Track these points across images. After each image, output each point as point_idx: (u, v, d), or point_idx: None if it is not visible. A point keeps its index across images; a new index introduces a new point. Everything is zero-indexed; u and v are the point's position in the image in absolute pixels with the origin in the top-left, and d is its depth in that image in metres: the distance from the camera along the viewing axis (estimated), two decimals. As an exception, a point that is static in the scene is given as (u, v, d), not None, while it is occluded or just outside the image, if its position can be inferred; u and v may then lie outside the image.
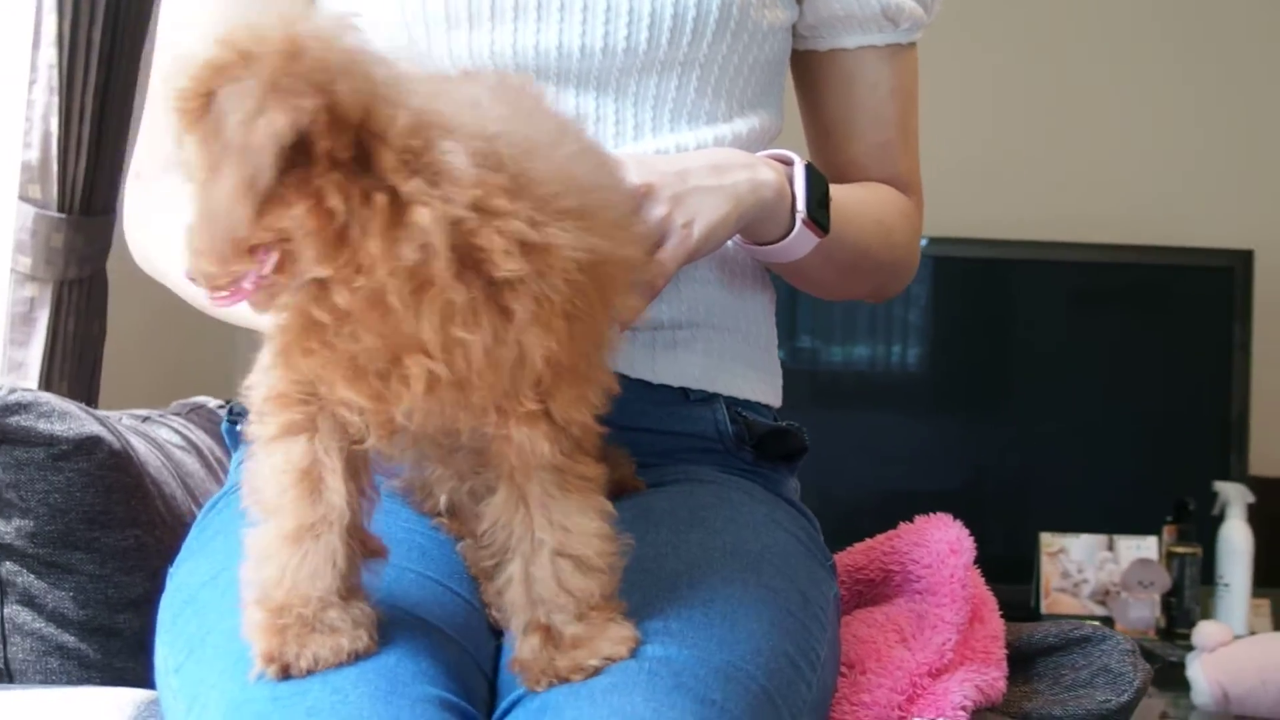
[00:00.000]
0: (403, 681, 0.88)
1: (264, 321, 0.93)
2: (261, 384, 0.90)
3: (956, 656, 1.18)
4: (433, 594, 0.99)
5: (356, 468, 0.91)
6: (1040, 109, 3.30)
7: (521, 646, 0.92)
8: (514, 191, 0.84)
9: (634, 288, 0.96)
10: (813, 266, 1.20)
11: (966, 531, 1.26)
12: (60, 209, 2.00)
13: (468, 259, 0.83)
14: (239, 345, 1.11)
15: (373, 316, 0.83)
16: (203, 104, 0.81)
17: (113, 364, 2.19)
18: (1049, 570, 2.91)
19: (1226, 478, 2.98)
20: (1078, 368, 3.09)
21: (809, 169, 1.16)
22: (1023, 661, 1.29)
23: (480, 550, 0.96)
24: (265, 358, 0.91)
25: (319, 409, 0.89)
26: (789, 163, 1.16)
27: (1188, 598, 2.85)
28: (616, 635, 0.91)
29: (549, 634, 0.91)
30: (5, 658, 1.32)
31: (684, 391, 1.21)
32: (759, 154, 1.17)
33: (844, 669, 1.14)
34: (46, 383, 2.02)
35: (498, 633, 1.00)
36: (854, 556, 1.30)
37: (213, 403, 1.76)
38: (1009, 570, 2.87)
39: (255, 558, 0.90)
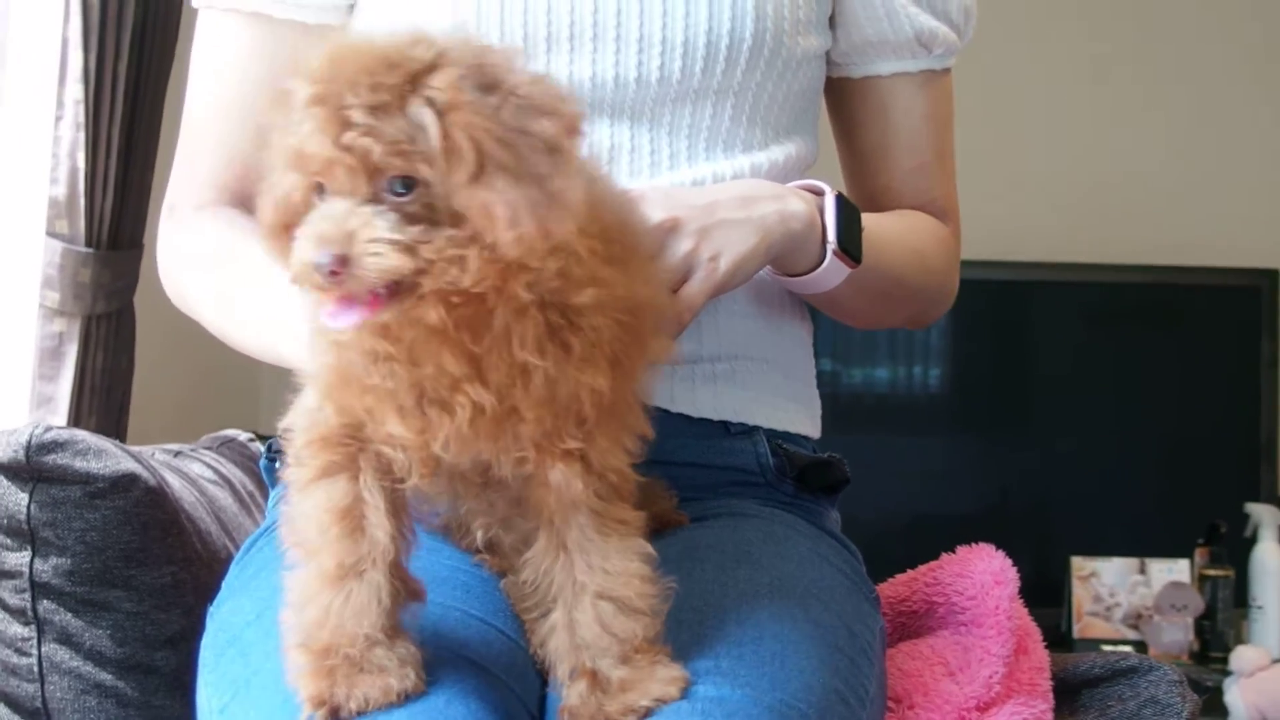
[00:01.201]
0: (452, 723, 0.88)
1: (292, 358, 0.93)
2: (303, 425, 0.90)
3: (1003, 689, 1.17)
4: (479, 633, 0.98)
5: (397, 506, 0.90)
6: (1063, 131, 3.29)
7: (569, 694, 0.91)
8: (584, 228, 0.84)
9: (661, 328, 0.96)
10: (846, 297, 1.19)
11: (1010, 562, 1.25)
12: (88, 244, 2.00)
13: (538, 287, 0.83)
14: (264, 379, 1.11)
15: (435, 342, 0.83)
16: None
17: (139, 397, 2.18)
18: (1081, 594, 2.89)
19: (1257, 499, 2.96)
20: (1103, 389, 3.08)
21: (839, 199, 1.15)
22: (1068, 693, 1.27)
23: (523, 602, 0.95)
24: (308, 399, 0.90)
25: (360, 449, 0.88)
26: (820, 193, 1.15)
27: (1221, 621, 2.83)
28: (665, 676, 0.90)
29: (595, 679, 0.90)
30: (44, 697, 1.31)
31: (724, 425, 1.20)
32: (790, 184, 1.16)
33: (891, 703, 1.13)
34: (75, 418, 2.02)
35: (544, 672, 0.99)
36: (896, 588, 1.29)
37: (243, 436, 1.76)
38: (1037, 594, 2.84)
39: (297, 601, 0.89)
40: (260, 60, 1.22)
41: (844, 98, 1.32)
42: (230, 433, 1.78)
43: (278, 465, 1.24)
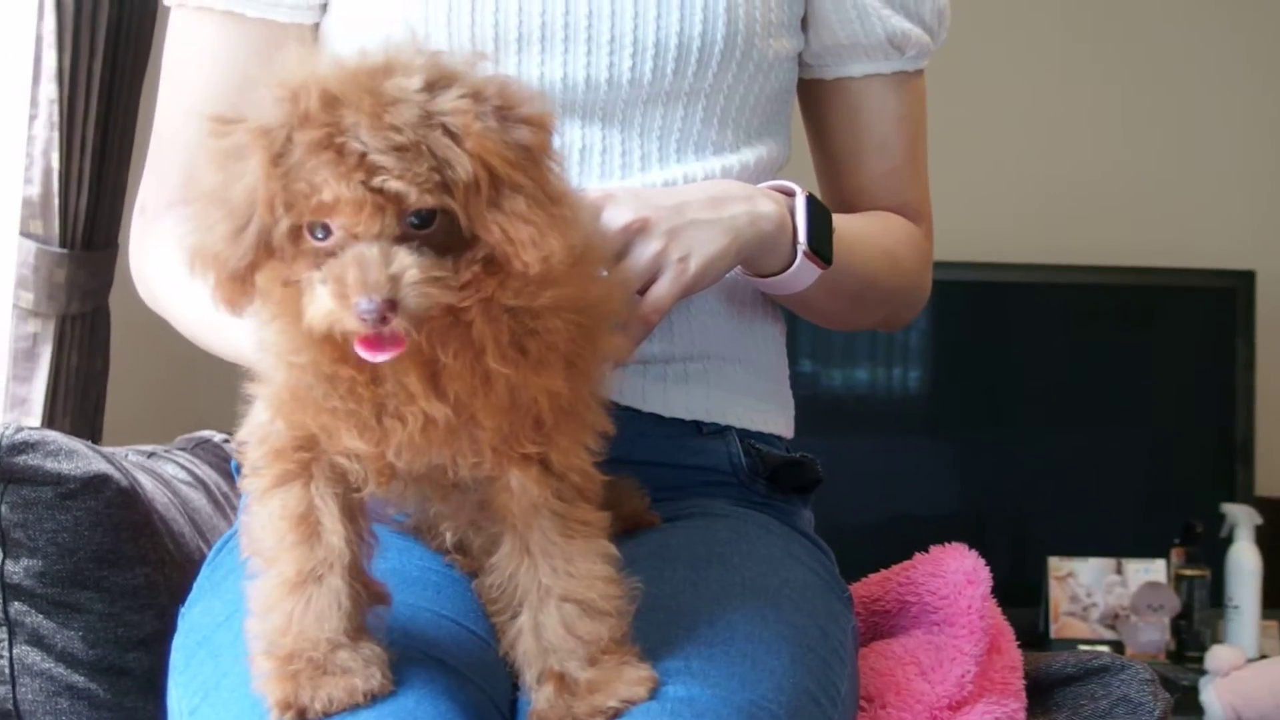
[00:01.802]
0: (421, 724, 0.87)
1: (256, 360, 0.93)
2: (256, 438, 0.90)
3: (976, 688, 1.17)
4: (449, 633, 0.98)
5: (353, 511, 0.91)
6: (1040, 130, 3.30)
7: (538, 698, 0.91)
8: None
9: (618, 329, 0.96)
10: (817, 298, 1.19)
11: (983, 561, 1.25)
12: (62, 244, 1.99)
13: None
14: (239, 379, 1.11)
15: (403, 362, 0.83)
16: None
17: (114, 398, 2.18)
18: (1058, 594, 2.90)
19: (1233, 499, 2.97)
20: (1080, 390, 3.09)
21: (810, 200, 1.15)
22: (1041, 692, 1.28)
23: (492, 605, 0.95)
24: (260, 413, 0.90)
25: (313, 458, 0.89)
26: (791, 194, 1.15)
27: (1197, 620, 2.84)
28: (633, 677, 0.91)
29: (563, 681, 0.90)
30: (15, 699, 1.31)
31: (696, 424, 1.20)
32: (761, 185, 1.16)
33: (863, 703, 1.13)
34: (49, 419, 2.01)
35: (515, 672, 0.99)
36: (869, 587, 1.29)
37: (217, 437, 1.75)
38: (1015, 594, 2.85)
39: (259, 609, 0.90)
40: (232, 60, 1.22)
41: (816, 99, 1.32)
42: (205, 434, 1.77)
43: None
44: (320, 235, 0.81)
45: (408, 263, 0.80)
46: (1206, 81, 3.30)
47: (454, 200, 0.80)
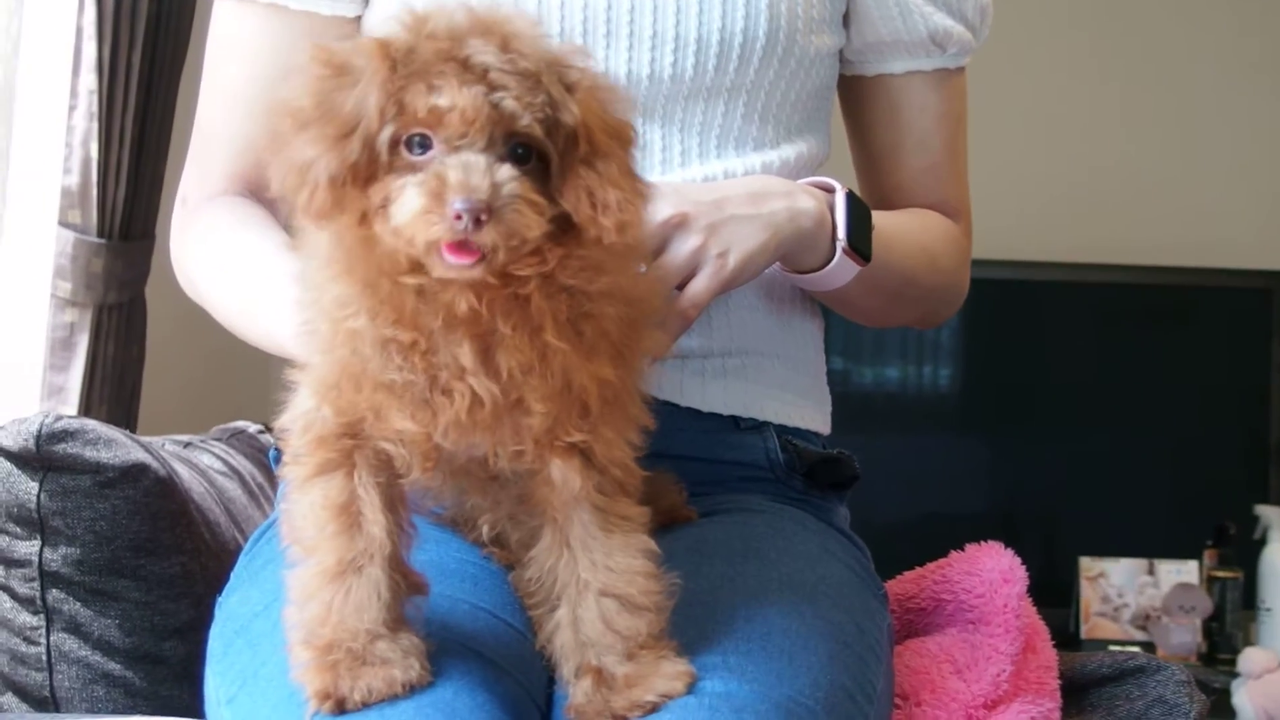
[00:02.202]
0: (460, 715, 0.88)
1: (290, 347, 0.93)
2: (299, 426, 0.90)
3: (1011, 688, 1.17)
4: (486, 625, 0.98)
5: (394, 501, 0.90)
6: (1073, 129, 3.28)
7: (575, 691, 0.91)
8: None
9: (657, 324, 0.96)
10: (856, 295, 1.19)
11: (1019, 560, 1.24)
12: (100, 234, 2.00)
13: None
14: (275, 370, 1.11)
15: (459, 332, 0.83)
16: None
17: (150, 388, 2.19)
18: (1089, 595, 2.89)
19: (1266, 500, 2.95)
20: (1112, 389, 3.07)
21: (850, 196, 1.15)
22: (1076, 692, 1.27)
23: (530, 598, 0.95)
24: (304, 400, 0.90)
25: (356, 445, 0.89)
26: (831, 190, 1.15)
27: (1229, 622, 2.83)
28: (671, 671, 0.91)
29: (600, 676, 0.90)
30: (51, 686, 1.32)
31: (734, 419, 1.20)
32: (800, 181, 1.16)
33: (898, 700, 1.13)
34: (86, 407, 2.02)
35: (552, 666, 1.00)
36: (905, 585, 1.29)
37: (252, 428, 1.76)
38: (1045, 594, 2.83)
39: (298, 598, 0.90)
40: (274, 51, 1.22)
41: (857, 96, 1.32)
42: (240, 424, 1.78)
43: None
44: (419, 151, 0.81)
45: (510, 174, 0.80)
46: (1243, 81, 3.28)
47: (553, 146, 0.81)
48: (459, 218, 0.78)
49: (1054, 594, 2.86)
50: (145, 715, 1.30)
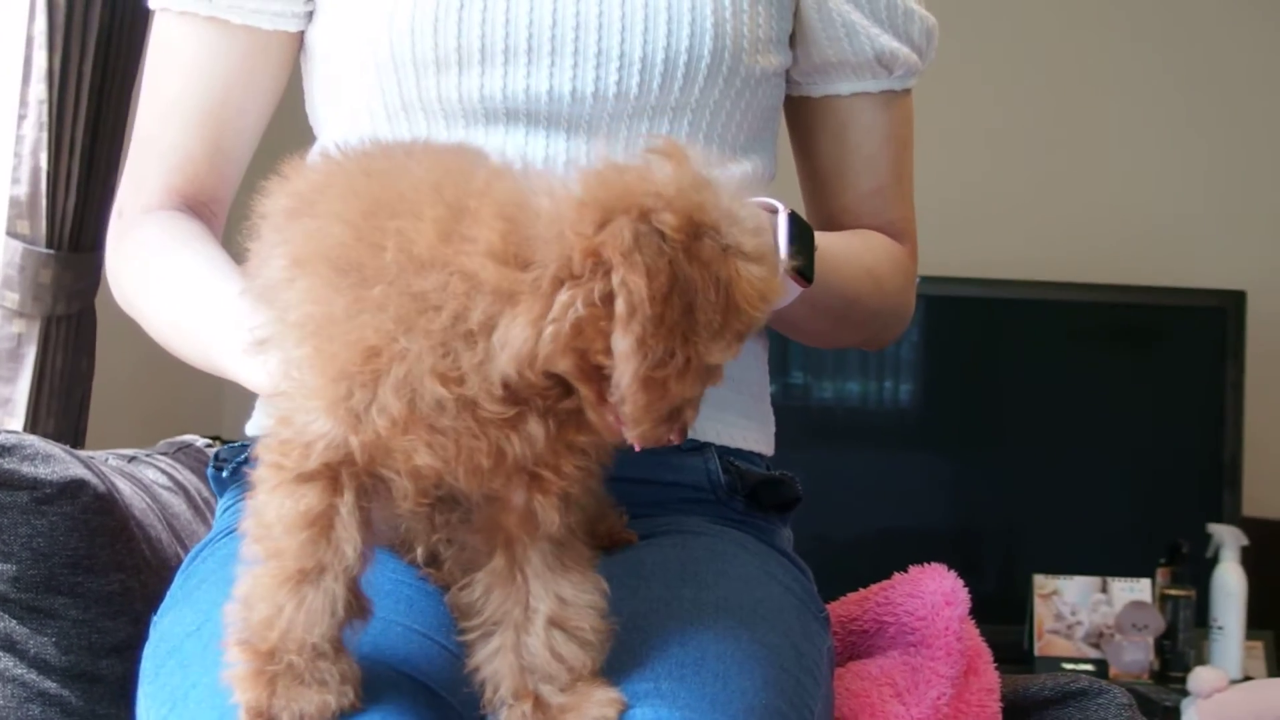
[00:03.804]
0: (388, 743, 0.87)
1: (225, 367, 0.91)
2: (302, 438, 0.86)
3: (951, 710, 1.17)
4: (420, 648, 0.97)
5: (364, 523, 0.89)
6: (1034, 149, 3.30)
7: (509, 715, 0.90)
8: None
9: None
10: (800, 316, 1.18)
11: (961, 583, 1.24)
12: (49, 245, 1.99)
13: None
14: (227, 383, 1.10)
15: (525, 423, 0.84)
16: None
17: (101, 400, 2.17)
18: (1042, 612, 2.90)
19: (1219, 520, 2.97)
20: (1070, 407, 3.09)
21: (793, 218, 1.14)
22: (1018, 715, 1.27)
23: (463, 621, 0.94)
24: (318, 420, 0.86)
25: (354, 470, 0.87)
26: (774, 210, 1.15)
27: (1182, 641, 2.84)
28: (603, 699, 0.90)
29: (538, 703, 0.90)
30: (-15, 705, 1.30)
31: (675, 440, 1.19)
32: None
33: (837, 724, 1.12)
34: (33, 420, 2.01)
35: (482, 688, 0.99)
36: (847, 607, 1.29)
37: (200, 442, 1.75)
38: (1000, 611, 2.86)
39: (248, 598, 0.88)
40: (215, 65, 1.21)
41: (803, 117, 1.32)
42: (188, 438, 1.76)
43: (224, 473, 1.24)
44: None
45: None
46: (1201, 102, 3.31)
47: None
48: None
49: (1009, 611, 2.87)
50: (80, 735, 1.28)
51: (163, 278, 1.18)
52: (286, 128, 1.34)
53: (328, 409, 0.85)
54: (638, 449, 0.85)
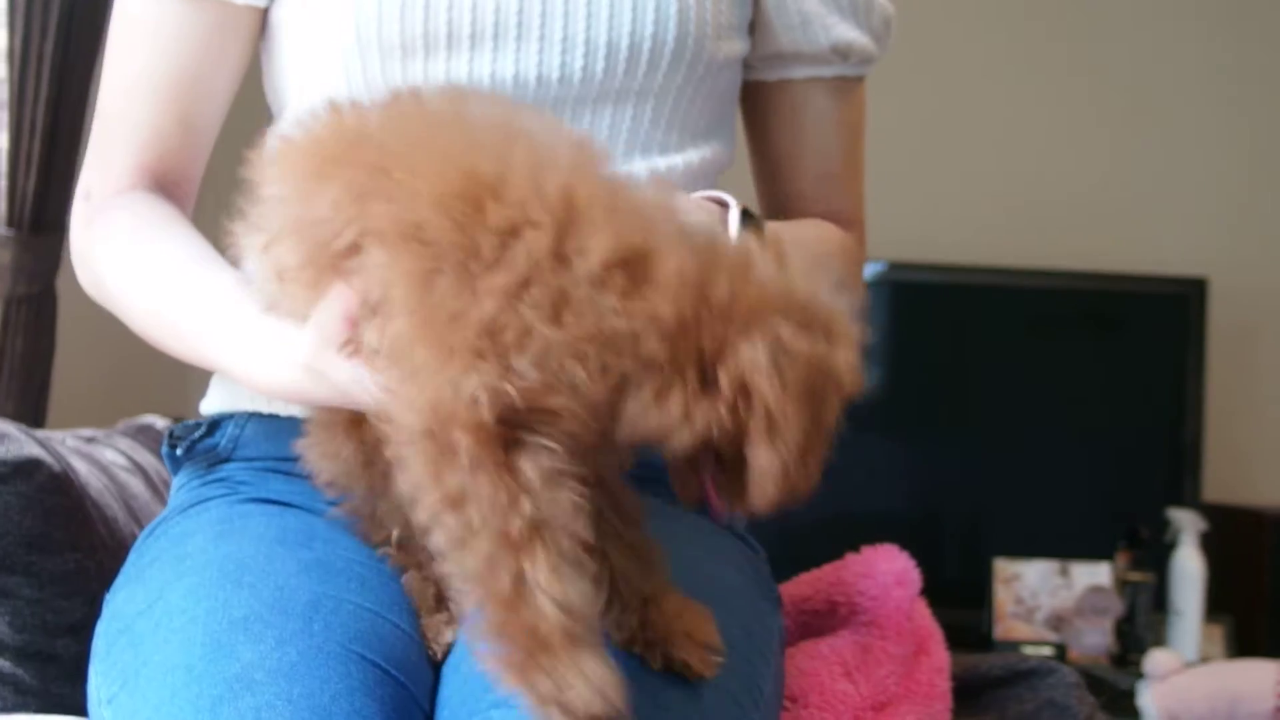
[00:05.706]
0: None
1: (217, 358, 0.99)
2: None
3: (900, 689, 1.18)
4: (372, 626, 0.98)
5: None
6: (997, 134, 3.31)
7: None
8: None
9: None
10: None
11: (913, 563, 1.26)
12: (9, 225, 1.98)
13: None
14: (190, 366, 1.10)
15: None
16: None
17: (63, 382, 2.17)
18: (1002, 596, 2.92)
19: (1180, 504, 2.99)
20: (1033, 393, 3.11)
21: (744, 212, 1.15)
22: (969, 694, 1.29)
23: (424, 599, 0.95)
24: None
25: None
26: (725, 205, 1.15)
27: (1140, 625, 2.86)
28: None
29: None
30: (-61, 684, 1.30)
31: (630, 421, 1.20)
32: (695, 195, 1.15)
33: (787, 702, 1.14)
34: (-7, 401, 2.00)
35: (436, 665, 0.99)
36: (800, 587, 1.30)
37: (160, 423, 1.75)
38: (963, 595, 2.88)
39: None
40: (184, 39, 1.19)
41: (757, 101, 1.32)
42: (148, 419, 1.77)
43: (179, 452, 1.24)
44: None
45: None
46: (1166, 91, 3.33)
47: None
48: None
49: (969, 594, 2.89)
50: (35, 714, 1.29)
51: (141, 265, 1.15)
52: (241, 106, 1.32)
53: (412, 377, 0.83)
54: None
